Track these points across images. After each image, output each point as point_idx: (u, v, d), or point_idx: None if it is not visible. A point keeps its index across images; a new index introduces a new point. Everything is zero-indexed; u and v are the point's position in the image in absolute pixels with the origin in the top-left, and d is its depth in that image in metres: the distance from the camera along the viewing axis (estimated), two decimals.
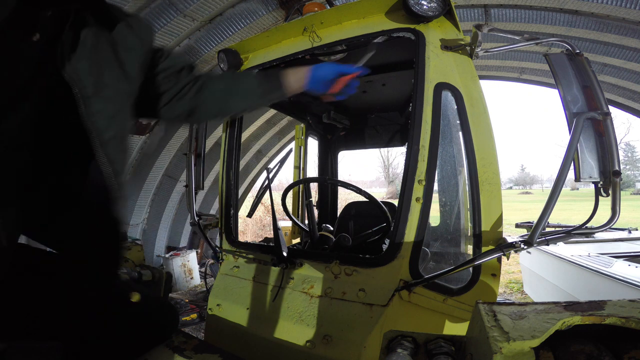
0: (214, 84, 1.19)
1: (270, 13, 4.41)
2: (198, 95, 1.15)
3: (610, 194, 1.19)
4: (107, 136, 0.84)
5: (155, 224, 6.86)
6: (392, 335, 0.76)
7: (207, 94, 1.16)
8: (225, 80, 1.24)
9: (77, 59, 0.78)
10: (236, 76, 1.30)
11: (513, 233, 4.20)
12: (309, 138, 3.45)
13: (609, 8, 4.30)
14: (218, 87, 1.20)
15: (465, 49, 1.48)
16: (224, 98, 1.21)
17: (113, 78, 0.86)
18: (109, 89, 0.84)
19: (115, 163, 0.85)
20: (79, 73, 0.78)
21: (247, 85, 1.24)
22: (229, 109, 1.26)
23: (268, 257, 1.74)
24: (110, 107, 0.84)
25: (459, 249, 1.74)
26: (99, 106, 0.82)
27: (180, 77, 1.12)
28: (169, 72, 1.10)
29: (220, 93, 1.20)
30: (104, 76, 0.83)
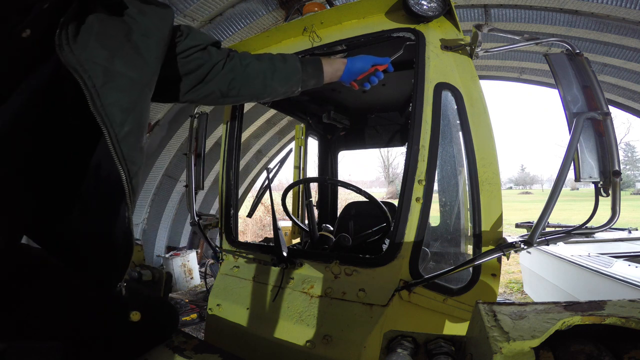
0: (254, 62, 1.12)
1: (270, 13, 4.42)
2: (236, 73, 1.08)
3: (610, 194, 1.19)
4: (124, 132, 0.75)
5: (155, 224, 6.86)
6: (392, 335, 0.76)
7: (247, 72, 1.09)
8: (267, 61, 1.16)
9: (82, 47, 0.70)
10: (280, 58, 1.19)
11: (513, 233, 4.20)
12: (309, 138, 3.46)
13: (609, 8, 4.30)
14: (260, 66, 1.12)
15: (465, 49, 1.48)
16: (266, 78, 1.13)
17: (127, 66, 0.77)
18: (123, 78, 0.76)
19: (131, 163, 0.77)
20: (83, 62, 0.69)
21: (290, 69, 1.18)
22: (269, 90, 1.18)
23: (268, 257, 1.74)
24: (125, 98, 0.76)
25: (459, 249, 1.74)
26: (112, 97, 0.73)
27: (207, 56, 1.04)
28: (194, 51, 1.02)
29: (261, 72, 1.12)
30: (115, 64, 0.75)
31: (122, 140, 0.74)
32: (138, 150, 0.79)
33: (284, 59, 1.19)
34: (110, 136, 0.72)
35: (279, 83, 1.17)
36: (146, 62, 0.81)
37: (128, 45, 0.78)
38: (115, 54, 0.75)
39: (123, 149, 0.74)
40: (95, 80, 0.70)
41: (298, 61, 1.21)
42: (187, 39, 1.01)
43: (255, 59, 1.14)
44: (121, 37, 0.78)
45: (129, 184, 0.76)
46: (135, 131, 0.77)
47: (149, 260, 6.52)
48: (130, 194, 0.77)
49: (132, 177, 0.77)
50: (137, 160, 0.79)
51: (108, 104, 0.72)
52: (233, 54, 1.11)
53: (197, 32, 1.05)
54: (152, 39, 0.84)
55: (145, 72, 0.82)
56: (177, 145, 6.25)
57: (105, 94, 0.71)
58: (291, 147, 3.17)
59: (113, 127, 0.72)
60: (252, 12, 4.43)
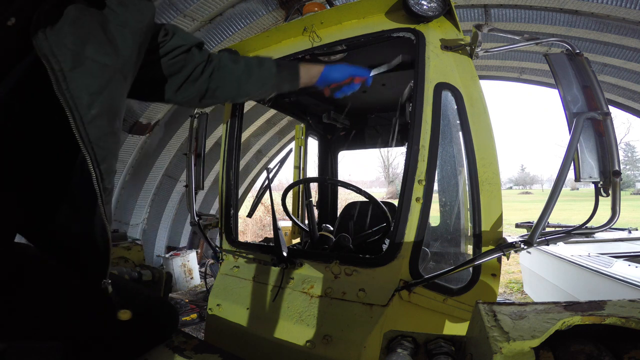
0: (231, 65, 1.15)
1: (270, 13, 4.41)
2: (213, 77, 1.10)
3: (610, 194, 1.19)
4: (90, 114, 0.74)
5: (155, 224, 6.86)
6: (392, 335, 0.76)
7: (223, 76, 1.12)
8: (244, 64, 1.20)
9: (56, 33, 0.70)
10: (256, 62, 1.22)
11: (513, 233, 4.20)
12: (309, 138, 3.45)
13: (609, 8, 4.30)
14: (236, 70, 1.16)
15: (465, 49, 1.48)
16: (240, 82, 1.17)
17: (98, 52, 0.77)
18: (93, 63, 0.75)
19: (98, 147, 0.75)
20: (53, 47, 0.69)
21: (266, 72, 1.22)
22: (244, 93, 1.23)
23: (268, 257, 1.74)
24: (94, 82, 0.75)
25: (459, 249, 1.74)
26: (80, 81, 0.72)
27: (190, 58, 1.06)
28: (177, 53, 1.04)
29: (237, 76, 1.16)
30: (85, 50, 0.74)
31: (90, 123, 0.73)
32: (109, 134, 0.78)
33: (260, 63, 1.23)
34: (75, 119, 0.71)
35: (254, 87, 1.21)
36: (119, 49, 0.81)
37: (102, 33, 0.78)
38: (88, 41, 0.75)
39: (89, 132, 0.73)
40: (63, 64, 0.70)
41: (274, 66, 1.25)
42: (173, 39, 1.03)
43: (232, 62, 1.17)
44: (96, 25, 0.78)
45: (96, 169, 0.75)
46: (104, 114, 0.77)
47: (149, 260, 6.52)
48: (99, 179, 0.75)
49: (100, 161, 0.75)
50: (106, 144, 0.77)
51: (75, 87, 0.71)
52: (212, 57, 1.13)
53: (181, 33, 1.07)
54: (128, 29, 0.84)
55: (118, 58, 0.81)
56: (177, 145, 6.25)
57: (72, 78, 0.71)
58: (291, 147, 3.16)
59: (79, 110, 0.72)
60: (252, 12, 4.43)
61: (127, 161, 5.73)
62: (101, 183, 0.76)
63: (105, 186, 0.77)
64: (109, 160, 0.78)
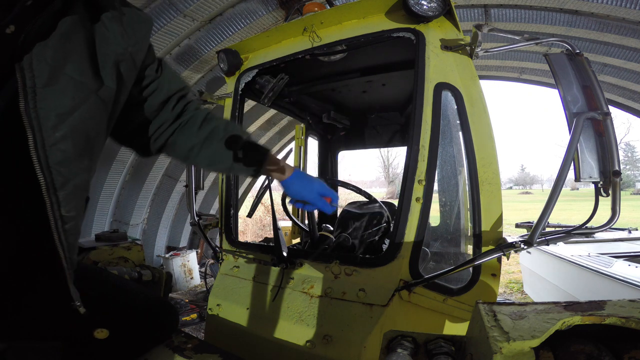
0: (194, 129, 1.02)
1: (270, 13, 4.41)
2: (175, 133, 1.01)
3: (610, 194, 1.19)
4: (54, 137, 0.68)
5: (155, 224, 6.86)
6: (392, 335, 0.76)
7: (182, 136, 1.01)
8: (208, 132, 1.04)
9: (41, 47, 0.67)
10: (219, 136, 1.05)
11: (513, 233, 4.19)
12: (309, 138, 3.45)
13: (609, 8, 4.30)
14: (195, 136, 1.02)
15: (465, 49, 1.48)
16: (190, 151, 1.04)
17: (77, 71, 0.72)
18: (68, 81, 0.70)
19: (57, 172, 0.69)
20: (32, 61, 0.65)
21: (219, 152, 1.05)
22: (192, 162, 1.10)
23: (268, 257, 1.74)
24: (65, 102, 0.70)
25: (459, 249, 1.74)
26: (50, 100, 0.68)
27: (165, 108, 0.98)
28: (159, 101, 0.96)
29: (193, 144, 1.03)
30: (65, 67, 0.70)
31: (52, 146, 0.68)
32: (73, 160, 0.72)
33: (221, 138, 1.05)
34: (36, 140, 0.66)
35: (203, 161, 1.06)
36: (99, 70, 0.76)
37: (86, 50, 0.74)
38: (70, 57, 0.71)
39: (49, 155, 0.68)
40: (37, 80, 0.66)
41: (239, 147, 1.06)
42: (161, 79, 0.96)
43: (197, 125, 1.03)
44: (83, 41, 0.74)
45: (52, 195, 0.69)
46: (69, 137, 0.71)
47: (149, 260, 6.52)
48: (54, 206, 0.70)
49: (59, 187, 0.70)
50: (68, 170, 0.71)
51: (43, 106, 0.67)
52: (185, 109, 1.02)
53: (170, 74, 0.99)
54: (115, 48, 0.80)
55: (97, 79, 0.76)
56: None
57: (43, 95, 0.67)
58: (291, 147, 3.16)
59: (42, 131, 0.67)
60: (252, 12, 4.43)
61: (127, 161, 5.73)
62: (57, 210, 0.70)
63: (63, 214, 0.71)
64: (72, 185, 0.72)
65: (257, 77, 2.07)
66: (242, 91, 2.03)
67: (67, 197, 0.72)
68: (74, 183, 0.73)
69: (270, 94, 2.13)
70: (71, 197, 0.73)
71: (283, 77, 2.13)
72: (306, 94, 2.74)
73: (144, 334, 1.06)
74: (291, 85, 2.42)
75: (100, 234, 2.18)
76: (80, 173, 0.75)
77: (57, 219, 0.71)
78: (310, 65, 2.05)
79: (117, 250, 2.03)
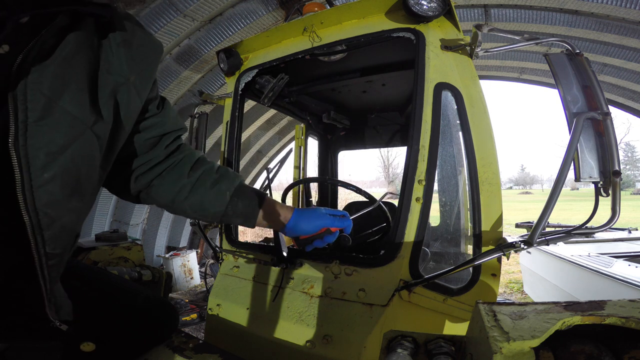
0: (183, 171, 0.94)
1: (270, 13, 4.41)
2: (162, 175, 0.93)
3: (610, 194, 1.19)
4: (43, 178, 0.63)
5: (155, 224, 6.86)
6: (392, 335, 0.76)
7: (169, 180, 0.93)
8: (197, 176, 0.96)
9: (39, 72, 0.61)
10: (214, 178, 0.97)
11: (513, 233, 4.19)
12: (309, 138, 3.45)
13: (609, 8, 4.30)
14: (183, 181, 0.93)
15: (465, 49, 1.48)
16: (177, 195, 0.94)
17: (74, 103, 0.66)
18: (62, 115, 0.65)
19: (44, 214, 0.65)
20: (26, 91, 0.60)
21: (211, 199, 0.96)
22: (178, 209, 0.97)
23: (268, 257, 1.74)
24: (57, 139, 0.64)
25: (459, 249, 1.74)
26: (41, 136, 0.62)
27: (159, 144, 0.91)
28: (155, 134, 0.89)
29: (179, 187, 0.94)
30: (62, 98, 0.64)
31: (39, 187, 0.63)
32: (63, 200, 0.68)
33: (215, 183, 0.96)
34: (23, 181, 0.61)
35: (192, 206, 0.95)
36: (97, 102, 0.70)
37: (85, 79, 0.68)
38: (68, 86, 0.65)
39: (37, 197, 0.63)
40: (29, 114, 0.60)
41: (230, 192, 0.97)
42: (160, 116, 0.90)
43: (188, 168, 0.94)
44: (84, 66, 0.68)
45: (37, 235, 0.65)
46: (59, 178, 0.66)
47: (149, 260, 6.52)
48: (39, 245, 0.66)
49: (45, 227, 0.66)
50: (57, 211, 0.67)
51: (33, 143, 0.61)
52: (177, 157, 0.94)
53: (169, 113, 0.93)
54: (113, 76, 0.73)
55: (92, 112, 0.70)
56: None
57: (35, 131, 0.61)
58: (291, 147, 3.16)
59: (30, 171, 0.62)
60: (252, 12, 4.43)
61: None
62: (42, 248, 0.67)
63: (48, 251, 0.68)
64: (58, 225, 0.69)
65: (257, 77, 2.07)
66: (242, 91, 2.03)
67: (53, 237, 0.68)
68: (60, 224, 0.69)
69: (270, 94, 2.13)
70: (57, 237, 0.69)
71: (283, 77, 2.13)
72: (306, 94, 2.73)
73: (144, 334, 1.06)
74: (291, 85, 2.42)
75: (100, 234, 2.18)
76: (68, 214, 0.71)
77: (41, 256, 0.68)
78: (310, 65, 2.05)
79: (117, 250, 2.04)
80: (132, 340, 1.02)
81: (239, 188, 1.00)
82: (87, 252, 1.93)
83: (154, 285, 1.91)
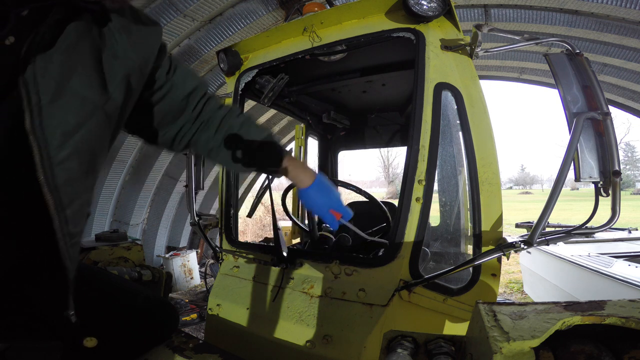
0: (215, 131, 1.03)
1: (270, 13, 4.41)
2: (197, 137, 1.03)
3: (610, 194, 1.19)
4: (60, 156, 0.66)
5: (155, 224, 6.86)
6: (392, 335, 0.76)
7: (203, 137, 1.03)
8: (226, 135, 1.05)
9: (46, 58, 0.64)
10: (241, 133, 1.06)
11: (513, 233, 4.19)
12: (309, 138, 3.45)
13: (609, 8, 4.30)
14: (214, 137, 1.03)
15: (465, 49, 1.48)
16: (210, 151, 1.05)
17: (83, 85, 0.70)
18: (74, 96, 0.68)
19: (64, 193, 0.68)
20: (36, 75, 0.63)
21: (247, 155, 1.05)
22: (210, 159, 1.11)
23: (268, 257, 1.74)
24: (71, 119, 0.68)
25: (459, 249, 1.74)
26: (56, 116, 0.65)
27: (187, 109, 0.99)
28: (179, 97, 0.96)
29: (209, 144, 1.04)
30: (71, 81, 0.68)
31: (58, 165, 0.66)
32: (79, 178, 0.71)
33: (238, 139, 1.04)
34: (43, 160, 0.64)
35: (223, 162, 1.08)
36: (107, 84, 0.74)
37: (92, 62, 0.72)
38: (76, 70, 0.68)
39: (56, 175, 0.66)
40: (42, 96, 0.63)
41: (254, 148, 1.06)
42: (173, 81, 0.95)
43: (214, 129, 1.03)
44: (89, 53, 0.71)
45: (60, 213, 0.68)
46: (76, 156, 0.69)
47: (149, 260, 6.52)
48: (63, 223, 0.68)
49: (66, 206, 0.68)
50: (75, 189, 0.70)
51: (49, 124, 0.64)
52: (204, 117, 1.03)
53: (182, 74, 0.98)
54: (122, 61, 0.77)
55: (103, 94, 0.73)
56: None
57: (49, 112, 0.64)
58: (291, 147, 3.16)
59: (48, 150, 0.64)
60: (252, 12, 4.43)
61: (127, 161, 5.73)
62: (65, 227, 0.69)
63: (70, 230, 0.71)
64: (78, 204, 0.72)
65: (257, 77, 2.07)
66: (242, 91, 2.03)
67: (74, 215, 0.71)
68: (79, 202, 0.72)
69: (270, 94, 2.13)
70: (77, 215, 0.72)
71: (283, 77, 2.13)
72: (306, 94, 2.74)
73: (144, 334, 1.06)
74: (291, 85, 2.42)
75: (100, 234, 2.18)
76: (85, 192, 0.75)
77: (65, 235, 0.70)
78: (310, 65, 2.05)
79: (117, 250, 2.04)
80: (132, 340, 1.02)
81: (262, 144, 1.08)
82: (87, 252, 1.93)
83: (154, 285, 1.91)
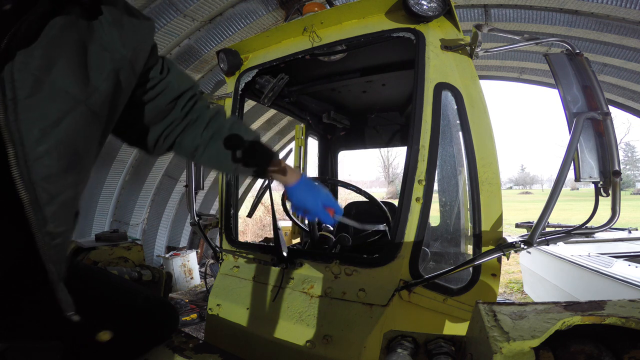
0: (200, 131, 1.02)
1: (270, 13, 4.41)
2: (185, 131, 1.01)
3: (610, 194, 1.19)
4: (37, 151, 0.64)
5: (155, 224, 6.86)
6: (392, 335, 0.76)
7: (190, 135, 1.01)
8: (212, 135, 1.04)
9: (26, 53, 0.62)
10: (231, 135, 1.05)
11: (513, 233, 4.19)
12: (309, 138, 3.45)
13: (609, 8, 4.30)
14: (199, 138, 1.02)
15: (465, 49, 1.48)
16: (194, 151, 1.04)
17: (65, 79, 0.67)
18: (53, 89, 0.65)
19: (41, 189, 0.65)
20: (13, 71, 0.61)
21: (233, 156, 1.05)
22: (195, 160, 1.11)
23: (268, 257, 1.74)
24: (50, 113, 0.65)
25: (459, 249, 1.74)
26: (33, 111, 0.63)
27: (176, 107, 0.97)
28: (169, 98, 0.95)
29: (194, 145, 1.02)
30: (51, 75, 0.65)
31: (35, 161, 0.64)
32: (59, 175, 0.68)
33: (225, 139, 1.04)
34: (17, 155, 0.62)
35: (207, 162, 1.07)
36: (90, 78, 0.71)
37: (76, 55, 0.69)
38: (56, 62, 0.66)
39: (33, 170, 0.63)
40: (18, 92, 0.61)
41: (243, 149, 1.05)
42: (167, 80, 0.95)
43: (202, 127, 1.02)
44: (73, 44, 0.69)
45: (37, 212, 0.65)
46: (54, 151, 0.66)
47: (149, 260, 6.52)
48: (40, 223, 0.66)
49: (44, 204, 0.66)
50: (54, 186, 0.67)
51: (26, 118, 0.62)
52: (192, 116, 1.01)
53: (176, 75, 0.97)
54: (109, 53, 0.74)
55: (86, 88, 0.70)
56: None
57: (26, 106, 0.62)
58: (291, 147, 3.16)
59: (24, 145, 0.62)
60: (252, 12, 4.43)
61: (127, 161, 5.73)
62: (44, 227, 0.67)
63: (50, 230, 0.68)
64: (59, 202, 0.69)
65: (257, 77, 2.07)
66: (242, 91, 2.03)
67: (55, 214, 0.68)
68: (61, 200, 0.70)
69: (270, 94, 2.13)
70: (59, 213, 0.69)
71: (283, 77, 2.13)
72: (306, 94, 2.73)
73: (144, 334, 1.06)
74: (291, 85, 2.42)
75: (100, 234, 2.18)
76: (67, 189, 0.71)
77: (44, 235, 0.68)
78: (310, 65, 2.05)
79: (117, 250, 2.03)
80: (132, 340, 1.02)
81: (251, 144, 1.07)
82: (87, 252, 1.93)
83: (154, 285, 1.91)
